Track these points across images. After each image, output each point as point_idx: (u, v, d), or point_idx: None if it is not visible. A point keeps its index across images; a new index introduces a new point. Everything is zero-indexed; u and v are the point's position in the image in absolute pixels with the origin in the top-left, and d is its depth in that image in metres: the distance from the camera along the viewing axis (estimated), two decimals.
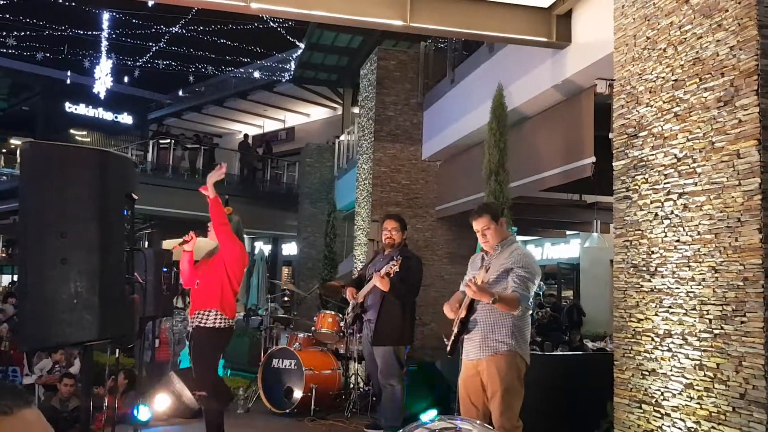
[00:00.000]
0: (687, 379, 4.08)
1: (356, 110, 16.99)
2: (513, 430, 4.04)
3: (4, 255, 28.21)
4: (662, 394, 4.27)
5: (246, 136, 23.51)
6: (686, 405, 4.07)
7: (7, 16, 21.30)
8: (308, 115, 26.03)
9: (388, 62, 11.50)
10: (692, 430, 4.00)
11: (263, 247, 21.57)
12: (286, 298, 17.45)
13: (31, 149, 2.99)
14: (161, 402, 6.60)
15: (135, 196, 3.22)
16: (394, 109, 11.37)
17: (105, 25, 23.23)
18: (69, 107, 27.74)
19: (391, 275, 5.64)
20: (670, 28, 4.41)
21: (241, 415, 6.98)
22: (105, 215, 2.95)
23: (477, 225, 4.37)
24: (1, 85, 17.64)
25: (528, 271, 4.15)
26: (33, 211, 2.97)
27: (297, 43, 20.66)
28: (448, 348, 4.36)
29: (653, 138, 4.51)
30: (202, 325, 4.92)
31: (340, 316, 7.54)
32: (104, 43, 23.77)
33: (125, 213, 3.13)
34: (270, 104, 25.60)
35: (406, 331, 6.03)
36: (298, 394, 6.91)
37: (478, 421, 2.95)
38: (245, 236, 5.38)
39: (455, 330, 4.25)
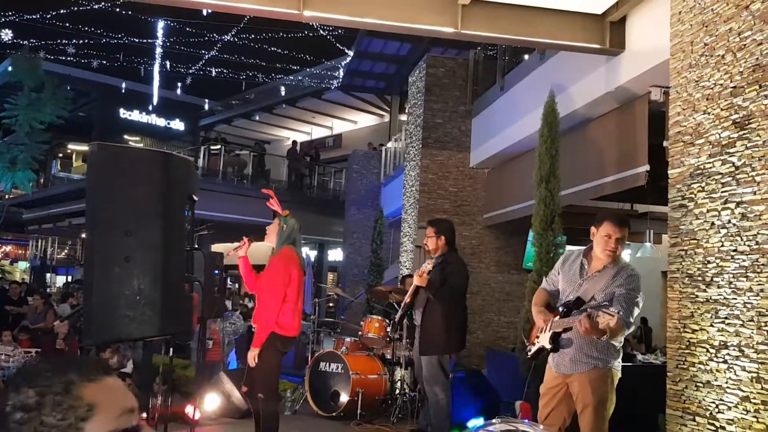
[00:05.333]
0: (743, 391, 3.99)
1: (403, 117, 17.05)
2: None
3: (61, 256, 29.12)
4: (717, 406, 4.19)
5: (294, 142, 23.81)
6: (742, 418, 3.98)
7: (67, 24, 22.02)
8: (355, 122, 26.24)
9: (437, 69, 11.54)
10: None
11: (309, 253, 21.77)
12: (330, 304, 17.56)
13: (99, 151, 3.11)
14: (211, 402, 6.72)
15: (195, 198, 3.32)
16: (443, 116, 11.39)
17: (159, 33, 23.81)
18: (123, 113, 28.54)
19: (424, 273, 5.66)
20: (729, 35, 4.34)
21: (289, 417, 7.06)
22: (168, 215, 3.06)
23: (619, 233, 3.90)
24: (66, 94, 18.26)
25: (637, 295, 3.88)
26: (99, 210, 3.09)
27: (346, 50, 20.85)
28: (531, 354, 4.26)
29: (710, 146, 4.43)
30: None
31: (387, 321, 7.57)
32: (158, 51, 24.36)
33: (186, 213, 3.23)
34: (318, 111, 25.88)
35: (451, 340, 5.91)
36: (344, 397, 6.96)
37: (541, 426, 2.91)
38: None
39: (547, 345, 4.02)
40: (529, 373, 4.45)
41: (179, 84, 28.05)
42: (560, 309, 4.06)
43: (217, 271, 7.08)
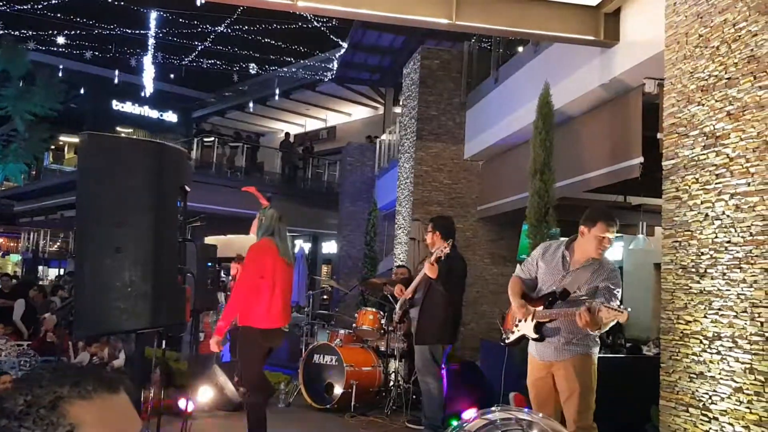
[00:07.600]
0: (736, 382, 4.00)
1: (398, 110, 17.01)
2: (589, 429, 3.99)
3: (53, 249, 29.01)
4: (710, 397, 4.20)
5: (287, 134, 23.74)
6: (735, 409, 3.99)
7: (58, 15, 21.84)
8: (350, 114, 26.13)
9: (431, 61, 11.50)
10: None
11: (303, 245, 21.73)
12: (325, 296, 17.54)
13: (89, 140, 3.07)
14: (204, 394, 6.71)
15: (188, 189, 3.29)
16: (437, 109, 11.36)
17: (152, 24, 23.64)
18: (116, 105, 28.43)
19: (442, 258, 5.57)
20: (724, 26, 4.33)
21: (282, 409, 7.06)
22: (160, 206, 3.03)
23: (611, 233, 4.00)
24: (59, 87, 18.04)
25: (618, 289, 3.98)
26: (90, 200, 3.06)
27: (340, 42, 20.77)
28: (510, 341, 4.27)
29: (705, 137, 4.43)
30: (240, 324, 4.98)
31: (381, 313, 7.57)
32: (151, 42, 24.19)
33: (179, 204, 3.20)
34: (312, 103, 25.76)
35: (446, 330, 5.94)
36: (338, 389, 6.96)
37: (540, 414, 2.91)
38: (287, 233, 5.33)
39: (532, 335, 4.06)
40: (512, 363, 4.46)
41: (172, 75, 27.88)
42: (544, 298, 4.08)
43: (210, 264, 7.04)
